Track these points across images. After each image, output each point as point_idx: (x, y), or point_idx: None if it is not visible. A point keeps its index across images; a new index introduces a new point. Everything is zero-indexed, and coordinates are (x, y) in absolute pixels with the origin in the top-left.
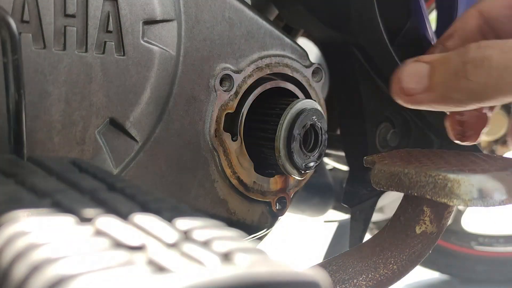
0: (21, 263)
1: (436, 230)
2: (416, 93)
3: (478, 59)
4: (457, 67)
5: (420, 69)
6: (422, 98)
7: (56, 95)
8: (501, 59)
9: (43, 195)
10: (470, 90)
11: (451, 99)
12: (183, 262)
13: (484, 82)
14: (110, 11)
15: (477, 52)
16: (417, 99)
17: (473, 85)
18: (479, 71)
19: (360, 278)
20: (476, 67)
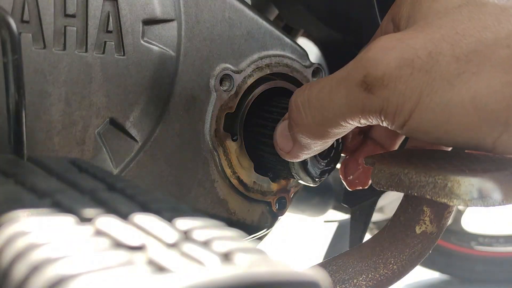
0: (21, 263)
1: (436, 230)
2: (290, 149)
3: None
4: (289, 118)
5: (284, 127)
6: (296, 152)
7: (56, 95)
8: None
9: (43, 195)
10: (309, 132)
11: (305, 143)
12: (183, 262)
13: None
14: (110, 11)
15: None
16: (294, 154)
17: (307, 128)
18: (297, 116)
19: (360, 278)
20: (294, 112)
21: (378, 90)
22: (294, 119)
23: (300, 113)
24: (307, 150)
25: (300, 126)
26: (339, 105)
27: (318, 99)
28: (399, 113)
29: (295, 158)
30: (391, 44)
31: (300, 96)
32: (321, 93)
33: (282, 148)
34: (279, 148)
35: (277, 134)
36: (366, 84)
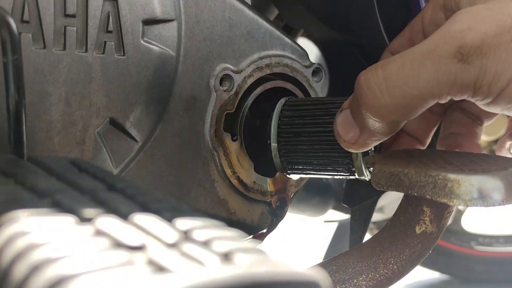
0: (21, 263)
1: (436, 230)
2: (356, 139)
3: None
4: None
5: (345, 117)
6: (364, 140)
7: (56, 95)
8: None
9: (43, 195)
10: (384, 114)
11: (377, 128)
12: (183, 262)
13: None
14: (110, 11)
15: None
16: (362, 143)
17: (383, 109)
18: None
19: (360, 278)
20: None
21: (475, 59)
22: (366, 102)
23: (375, 94)
24: (376, 136)
25: (375, 108)
26: (427, 80)
27: (400, 76)
28: (496, 83)
29: (362, 147)
30: (483, 14)
31: (373, 77)
32: (402, 70)
33: (347, 139)
34: (343, 140)
35: (339, 125)
36: (462, 54)
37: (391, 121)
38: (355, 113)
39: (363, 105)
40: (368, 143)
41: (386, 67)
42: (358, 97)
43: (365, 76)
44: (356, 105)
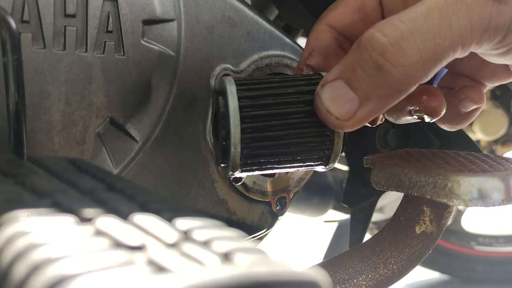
0: (21, 263)
1: (436, 230)
2: (354, 113)
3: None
4: (373, 63)
5: (336, 89)
6: (365, 114)
7: (56, 95)
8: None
9: (43, 195)
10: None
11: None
12: (183, 262)
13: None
14: (110, 11)
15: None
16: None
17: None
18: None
19: (360, 278)
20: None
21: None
22: (392, 60)
23: (403, 51)
24: (382, 105)
25: (403, 67)
26: (460, 28)
27: (430, 27)
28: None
29: (359, 123)
30: None
31: (394, 31)
32: (431, 19)
33: (341, 115)
34: (334, 118)
35: (328, 99)
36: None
37: (413, 84)
38: (357, 79)
39: (386, 64)
40: (367, 118)
41: (408, 18)
42: (374, 59)
43: (381, 31)
44: (364, 71)
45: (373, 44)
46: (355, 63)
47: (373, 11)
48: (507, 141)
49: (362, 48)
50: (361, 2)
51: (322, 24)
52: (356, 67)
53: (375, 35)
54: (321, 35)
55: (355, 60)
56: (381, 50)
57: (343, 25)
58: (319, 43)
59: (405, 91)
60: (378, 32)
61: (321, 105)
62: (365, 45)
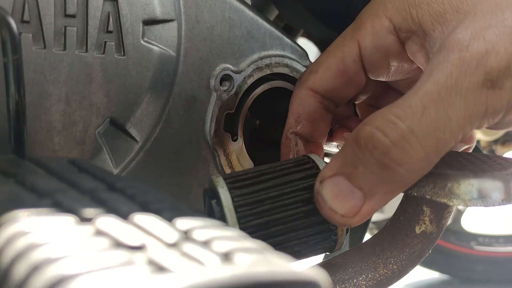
0: (21, 263)
1: (436, 230)
2: (359, 209)
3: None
4: (377, 161)
5: (338, 185)
6: (370, 208)
7: (56, 95)
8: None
9: (43, 195)
10: (416, 170)
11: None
12: (183, 262)
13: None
14: (110, 11)
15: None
16: (366, 213)
17: (417, 164)
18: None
19: (360, 278)
20: (396, 151)
21: (505, 82)
22: (397, 159)
23: (405, 149)
24: (387, 200)
25: (407, 165)
26: (458, 120)
27: (428, 123)
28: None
29: (365, 217)
30: (494, 33)
31: (395, 130)
32: (427, 115)
33: (345, 212)
34: (339, 216)
35: (331, 197)
36: (491, 81)
37: (417, 177)
38: (359, 176)
39: (391, 163)
40: (374, 210)
41: (404, 115)
42: (377, 158)
43: (381, 130)
44: (368, 169)
45: (375, 144)
46: (356, 160)
47: (356, 74)
48: (507, 141)
49: (363, 147)
50: (342, 65)
51: (304, 89)
52: (358, 164)
53: (376, 134)
54: (304, 101)
55: (355, 157)
56: (384, 150)
57: (326, 89)
58: (303, 109)
59: (411, 183)
60: (378, 132)
61: (324, 203)
62: (366, 144)
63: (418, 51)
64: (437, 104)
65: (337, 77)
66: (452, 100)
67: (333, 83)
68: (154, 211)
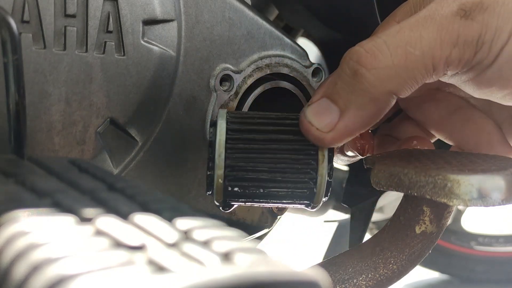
0: (21, 263)
1: (436, 230)
2: (334, 124)
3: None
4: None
5: (320, 105)
6: (344, 126)
7: (56, 95)
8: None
9: (43, 195)
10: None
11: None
12: (183, 262)
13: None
14: (110, 11)
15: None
16: (340, 131)
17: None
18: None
19: (360, 278)
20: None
21: (477, 14)
22: (365, 64)
23: (375, 55)
24: (360, 119)
25: (375, 70)
26: (429, 40)
27: (401, 38)
28: (497, 38)
29: (339, 138)
30: None
31: (369, 42)
32: (402, 32)
33: (322, 126)
34: (315, 129)
35: (310, 112)
36: (464, 11)
37: (386, 91)
38: (337, 91)
39: (360, 68)
40: (347, 131)
41: (383, 33)
42: (351, 66)
43: (359, 45)
44: (343, 81)
45: (351, 54)
46: (336, 77)
47: None
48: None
49: (342, 62)
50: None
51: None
52: (337, 80)
53: (354, 48)
54: None
55: (336, 75)
56: (357, 57)
57: None
58: None
59: (381, 100)
60: (357, 46)
61: (304, 119)
62: (345, 58)
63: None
64: (412, 25)
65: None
66: (427, 24)
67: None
68: (154, 211)
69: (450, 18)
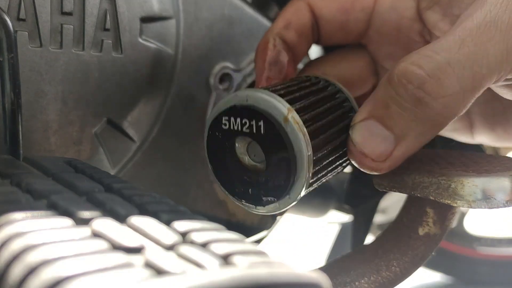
0: (17, 265)
1: (439, 232)
2: (390, 152)
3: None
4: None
5: (370, 129)
6: (402, 153)
7: (52, 94)
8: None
9: (39, 196)
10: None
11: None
12: (182, 265)
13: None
14: (107, 9)
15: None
16: (397, 158)
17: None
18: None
19: (362, 280)
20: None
21: None
22: (431, 92)
23: (441, 81)
24: (419, 144)
25: (443, 98)
26: (496, 54)
27: (466, 57)
28: None
29: (396, 164)
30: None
31: (429, 63)
32: (465, 47)
33: (376, 156)
34: (370, 160)
35: (360, 137)
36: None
37: (453, 117)
38: (392, 117)
39: (426, 97)
40: (405, 154)
41: (441, 48)
42: (412, 93)
43: (415, 64)
44: (401, 107)
45: (409, 77)
46: (389, 100)
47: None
48: None
49: (396, 83)
50: (350, 4)
51: (304, 2)
52: (390, 104)
53: (410, 68)
54: (302, 12)
55: (387, 96)
56: (419, 82)
57: (323, 15)
58: (298, 19)
59: (444, 124)
60: (412, 65)
61: (353, 147)
62: (400, 79)
63: (441, 20)
64: (475, 38)
65: (338, 11)
66: (492, 34)
67: (331, 14)
68: (152, 212)
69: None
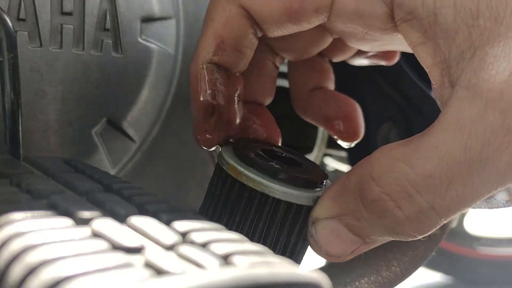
0: (17, 265)
1: (439, 232)
2: (354, 250)
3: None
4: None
5: (335, 232)
6: (364, 249)
7: (52, 94)
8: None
9: (39, 197)
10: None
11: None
12: (182, 265)
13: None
14: (107, 9)
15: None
16: (359, 251)
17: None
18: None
19: (362, 280)
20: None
21: None
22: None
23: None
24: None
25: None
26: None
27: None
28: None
29: (359, 253)
30: None
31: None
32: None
33: (340, 255)
34: (333, 257)
35: (325, 242)
36: None
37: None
38: (362, 228)
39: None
40: (371, 247)
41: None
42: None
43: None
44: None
45: (386, 214)
46: (360, 216)
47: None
48: None
49: (370, 209)
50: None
51: (236, 6)
52: (362, 220)
53: (387, 204)
54: (236, 21)
55: (358, 212)
56: (397, 223)
57: (262, 17)
58: (233, 32)
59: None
60: (390, 202)
61: (317, 247)
62: (374, 209)
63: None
64: (465, 179)
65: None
66: (486, 176)
67: (269, 15)
68: (152, 213)
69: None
